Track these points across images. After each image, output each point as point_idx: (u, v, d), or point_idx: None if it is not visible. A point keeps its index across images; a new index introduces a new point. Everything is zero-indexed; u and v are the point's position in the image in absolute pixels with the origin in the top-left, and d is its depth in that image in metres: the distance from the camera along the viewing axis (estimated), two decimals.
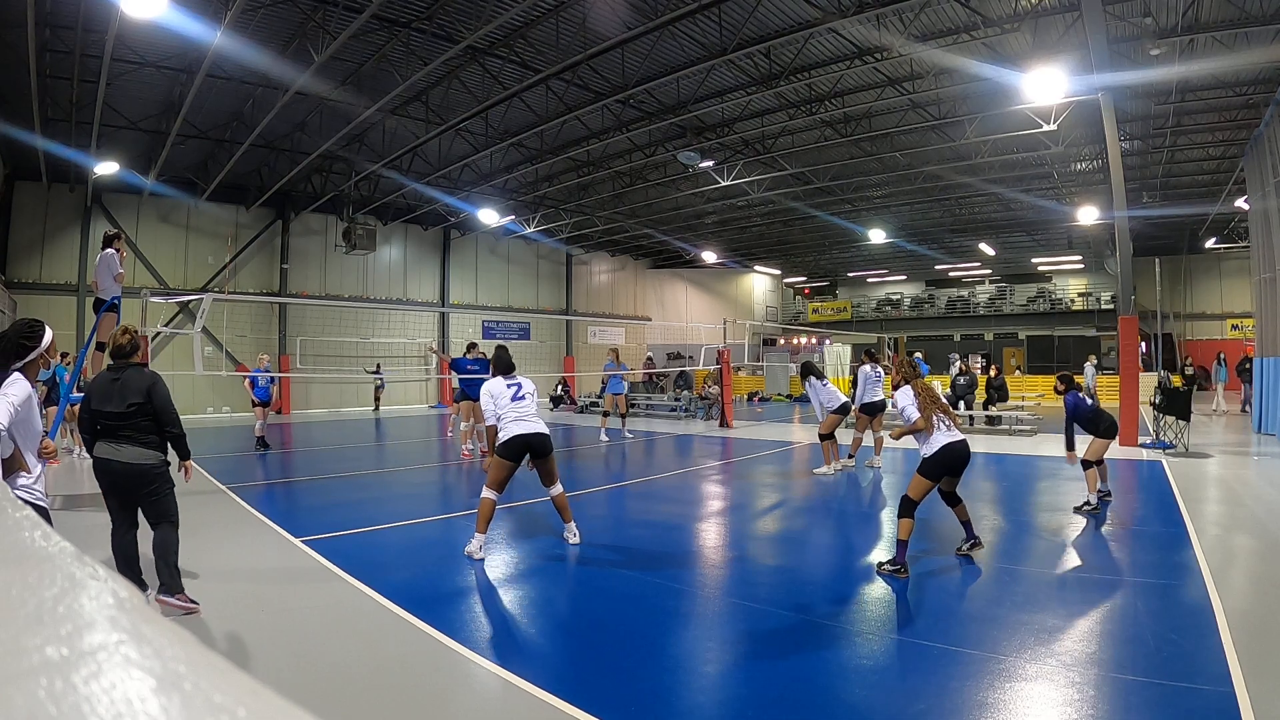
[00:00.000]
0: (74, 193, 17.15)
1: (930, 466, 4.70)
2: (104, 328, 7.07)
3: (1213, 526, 5.83)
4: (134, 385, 3.80)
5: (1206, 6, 10.11)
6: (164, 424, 3.85)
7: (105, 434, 3.82)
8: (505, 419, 5.04)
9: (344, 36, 9.84)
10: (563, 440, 13.07)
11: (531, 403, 5.19)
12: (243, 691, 0.31)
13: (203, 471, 8.86)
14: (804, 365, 9.51)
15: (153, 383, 3.86)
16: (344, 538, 5.60)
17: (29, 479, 3.00)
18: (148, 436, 3.83)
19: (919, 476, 4.72)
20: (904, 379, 5.05)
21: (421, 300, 23.78)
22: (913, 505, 4.66)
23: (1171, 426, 10.33)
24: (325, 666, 3.20)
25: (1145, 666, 3.09)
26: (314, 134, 14.73)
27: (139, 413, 3.77)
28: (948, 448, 4.66)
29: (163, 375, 4.10)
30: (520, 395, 5.16)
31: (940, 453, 4.66)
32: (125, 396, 3.77)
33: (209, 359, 18.23)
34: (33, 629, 0.33)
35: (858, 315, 32.85)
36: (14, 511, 0.54)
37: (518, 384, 5.23)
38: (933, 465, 4.69)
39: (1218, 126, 14.87)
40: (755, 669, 3.21)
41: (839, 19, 10.16)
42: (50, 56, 11.05)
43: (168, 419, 3.85)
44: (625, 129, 14.99)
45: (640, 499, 7.61)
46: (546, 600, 4.27)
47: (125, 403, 3.76)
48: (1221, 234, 23.39)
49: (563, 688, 2.92)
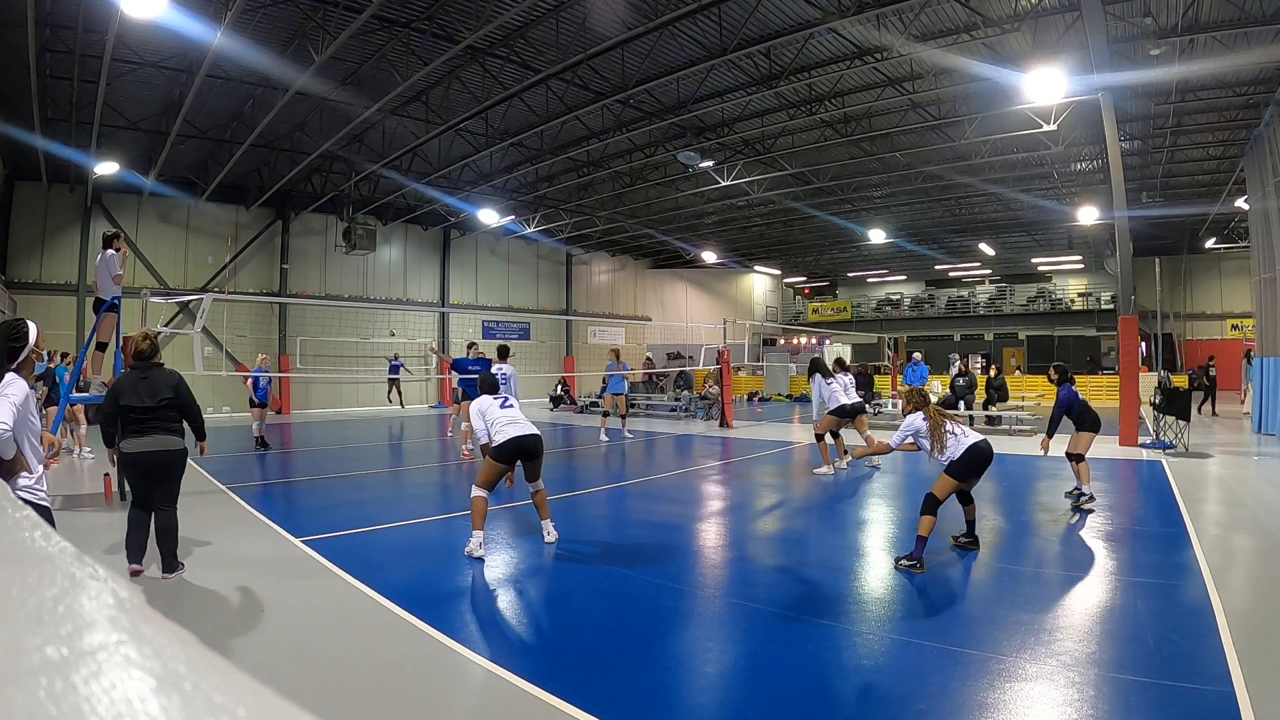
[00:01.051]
0: (74, 193, 17.15)
1: (957, 468, 4.83)
2: (104, 328, 7.07)
3: (1213, 526, 5.83)
4: (163, 382, 4.41)
5: (1206, 6, 10.11)
6: (191, 415, 4.50)
7: (132, 428, 4.33)
8: (498, 424, 5.18)
9: (344, 36, 9.84)
10: (563, 440, 13.08)
11: (518, 408, 5.44)
12: (243, 691, 0.31)
13: (202, 471, 8.87)
14: (813, 361, 9.51)
15: (179, 380, 4.50)
16: (344, 537, 5.60)
17: (30, 479, 2.99)
18: (174, 425, 4.42)
19: (945, 477, 4.86)
20: (914, 407, 5.15)
21: (421, 300, 23.78)
22: (936, 504, 4.77)
23: (1171, 426, 10.33)
24: (325, 666, 3.20)
25: (1145, 666, 3.09)
26: (314, 134, 14.73)
27: (169, 406, 4.37)
28: (973, 448, 4.82)
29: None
30: (508, 404, 5.39)
31: (967, 453, 4.81)
32: (156, 392, 4.35)
33: (209, 359, 18.22)
34: (33, 629, 0.33)
35: (858, 315, 32.85)
36: (14, 511, 0.54)
37: (505, 398, 5.47)
38: (960, 467, 4.83)
39: (1218, 126, 14.87)
40: (755, 669, 3.21)
41: (839, 19, 10.16)
42: (50, 56, 11.05)
43: (193, 410, 4.52)
44: (625, 129, 14.99)
45: (640, 499, 7.61)
46: (546, 600, 4.27)
47: (157, 398, 4.34)
48: (1221, 234, 23.39)
49: (563, 688, 2.92)
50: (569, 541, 5.52)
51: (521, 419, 5.27)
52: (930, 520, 4.70)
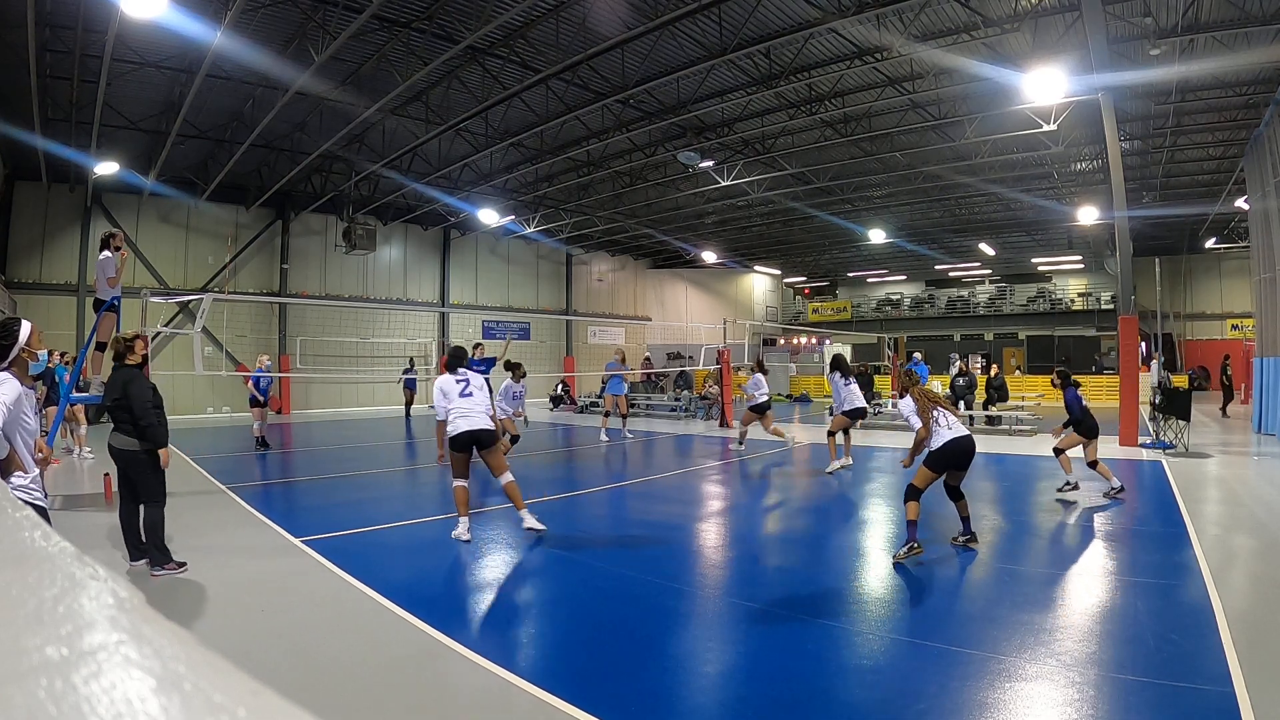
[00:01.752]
0: (74, 193, 17.14)
1: (935, 460, 4.93)
2: (104, 328, 7.07)
3: (1213, 526, 5.83)
4: (118, 381, 4.54)
5: (1206, 6, 10.11)
6: (136, 416, 4.48)
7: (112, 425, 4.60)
8: (453, 415, 5.38)
9: (344, 36, 9.83)
10: (563, 440, 13.09)
11: (480, 396, 5.50)
12: (243, 691, 0.31)
13: (202, 471, 8.87)
14: (835, 359, 9.67)
15: (131, 379, 4.52)
16: (344, 537, 5.60)
17: (24, 479, 2.98)
18: (128, 425, 4.51)
19: (924, 468, 4.97)
20: (903, 388, 5.31)
21: (421, 300, 23.78)
22: (917, 493, 4.89)
23: (1171, 426, 10.32)
24: (325, 666, 3.20)
25: (1145, 666, 3.09)
26: (314, 134, 14.73)
27: (119, 406, 4.48)
28: (952, 443, 4.91)
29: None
30: (468, 391, 5.48)
31: (945, 446, 4.90)
32: (111, 392, 4.54)
33: (209, 359, 18.23)
34: (33, 629, 0.33)
35: (858, 315, 32.84)
36: (14, 511, 0.54)
37: (465, 379, 5.53)
38: (938, 459, 4.93)
39: (1218, 126, 14.86)
40: (755, 669, 3.21)
41: (839, 19, 10.15)
42: (50, 56, 11.05)
43: (139, 411, 4.47)
44: (625, 129, 14.99)
45: (640, 499, 7.61)
46: (546, 600, 4.27)
47: (110, 397, 4.53)
48: (1221, 234, 23.38)
49: (563, 688, 2.92)
50: (569, 541, 5.52)
51: (477, 410, 5.38)
52: (915, 505, 4.85)
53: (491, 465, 5.46)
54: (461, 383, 5.49)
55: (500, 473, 5.44)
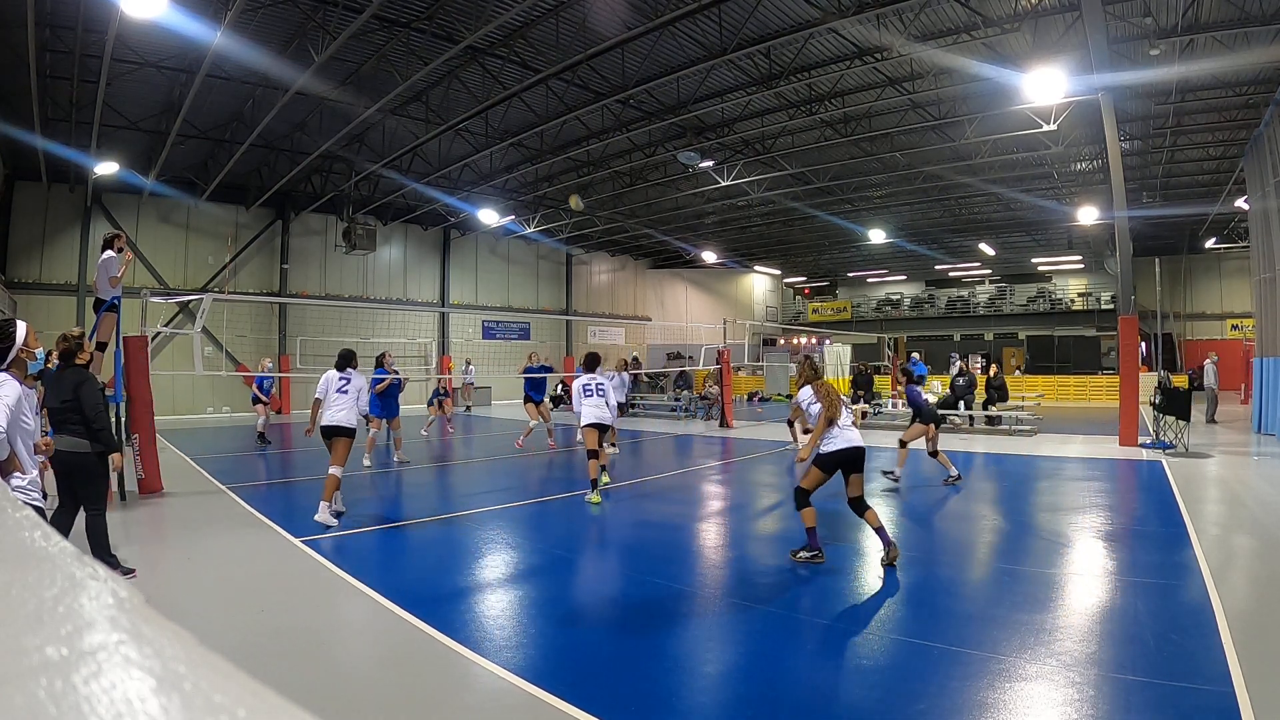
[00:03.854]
0: (74, 193, 17.14)
1: (823, 460, 4.86)
2: (104, 328, 7.08)
3: (1213, 526, 5.83)
4: (68, 382, 4.35)
5: (1206, 6, 10.11)
6: (88, 417, 4.32)
7: (54, 427, 4.37)
8: (325, 407, 6.18)
9: (344, 36, 9.84)
10: (563, 440, 13.11)
11: (352, 395, 6.22)
12: (243, 691, 0.31)
13: (202, 471, 8.87)
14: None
15: (83, 380, 4.36)
16: (344, 538, 5.60)
17: (22, 479, 2.99)
18: (77, 427, 4.31)
19: (814, 469, 4.91)
20: (805, 380, 5.17)
21: (421, 300, 23.78)
22: (805, 494, 4.86)
23: (1171, 426, 10.32)
24: (325, 666, 3.20)
25: (1145, 666, 3.09)
26: (314, 134, 14.73)
27: (70, 407, 4.30)
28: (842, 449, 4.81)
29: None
30: (344, 389, 6.21)
31: (835, 449, 4.82)
32: (61, 393, 4.33)
33: (209, 359, 18.23)
34: (33, 629, 0.33)
35: (858, 315, 32.85)
36: (14, 511, 0.54)
37: (347, 378, 6.28)
38: (825, 460, 4.84)
39: (1218, 126, 14.86)
40: (755, 669, 3.21)
41: (839, 19, 10.15)
42: (50, 56, 11.05)
43: (91, 413, 4.32)
44: (625, 129, 14.99)
45: (640, 499, 7.61)
46: (546, 600, 4.26)
47: (59, 398, 4.32)
48: (1221, 234, 23.39)
49: (563, 688, 2.92)
50: (569, 541, 5.52)
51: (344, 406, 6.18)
52: (811, 511, 4.85)
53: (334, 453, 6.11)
54: (342, 380, 6.26)
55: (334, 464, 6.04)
